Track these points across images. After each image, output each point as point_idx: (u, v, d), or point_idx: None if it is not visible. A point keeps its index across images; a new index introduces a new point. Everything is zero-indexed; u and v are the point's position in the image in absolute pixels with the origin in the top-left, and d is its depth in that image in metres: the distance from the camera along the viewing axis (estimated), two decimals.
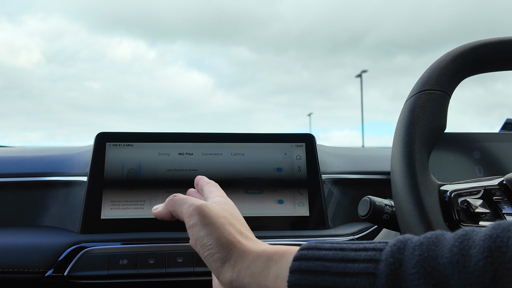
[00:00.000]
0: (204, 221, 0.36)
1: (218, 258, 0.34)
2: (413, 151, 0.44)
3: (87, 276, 0.51)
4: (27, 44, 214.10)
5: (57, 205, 0.60)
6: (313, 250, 0.29)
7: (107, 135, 0.61)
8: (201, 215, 0.36)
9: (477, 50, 0.48)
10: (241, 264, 0.33)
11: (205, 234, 0.35)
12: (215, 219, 0.36)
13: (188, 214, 0.37)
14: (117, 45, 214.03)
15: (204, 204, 0.37)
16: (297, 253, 0.29)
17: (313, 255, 0.28)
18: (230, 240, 0.34)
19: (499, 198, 0.45)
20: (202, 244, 0.35)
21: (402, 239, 0.26)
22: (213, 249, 0.34)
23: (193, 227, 0.36)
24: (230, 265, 0.33)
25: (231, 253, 0.34)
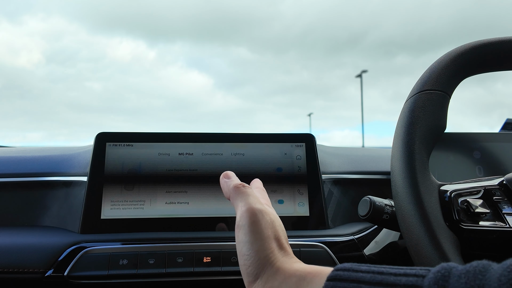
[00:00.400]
0: (251, 227, 0.35)
1: (251, 272, 0.33)
2: (413, 151, 0.44)
3: (87, 276, 0.51)
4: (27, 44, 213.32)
5: (57, 205, 0.60)
6: (349, 271, 0.28)
7: (107, 135, 0.61)
8: (252, 220, 0.35)
9: (477, 50, 0.48)
10: (272, 283, 0.32)
11: (247, 241, 0.34)
12: (262, 229, 0.35)
13: (240, 214, 0.36)
14: (117, 45, 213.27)
15: (259, 210, 0.36)
16: (331, 273, 0.28)
17: (349, 276, 0.27)
18: (268, 256, 0.34)
19: (499, 198, 0.45)
20: (241, 251, 0.35)
21: (446, 267, 0.25)
22: (249, 260, 0.34)
23: (239, 229, 0.36)
24: (262, 282, 0.33)
25: (265, 270, 0.33)
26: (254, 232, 0.35)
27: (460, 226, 0.42)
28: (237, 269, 0.53)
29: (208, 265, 0.53)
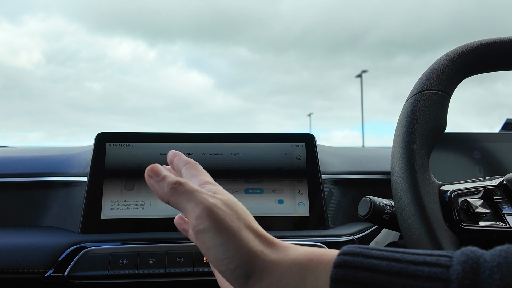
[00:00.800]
0: (217, 227, 0.29)
1: (240, 274, 0.28)
2: (413, 151, 0.44)
3: (87, 276, 0.50)
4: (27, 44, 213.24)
5: (57, 205, 0.60)
6: (359, 257, 0.25)
7: (107, 135, 0.61)
8: (213, 219, 0.29)
9: (477, 50, 0.48)
10: (270, 279, 0.28)
11: (220, 244, 0.29)
12: (230, 224, 0.29)
13: (196, 216, 0.30)
14: (117, 45, 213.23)
15: (215, 205, 0.30)
16: (338, 258, 0.25)
17: (361, 263, 0.24)
18: (252, 250, 0.29)
19: (499, 198, 0.45)
20: (217, 257, 0.29)
21: (472, 256, 0.23)
22: (232, 263, 0.28)
23: (202, 233, 0.29)
24: (256, 280, 0.28)
25: (255, 267, 0.28)
26: (222, 230, 0.29)
27: (460, 226, 0.42)
28: None
29: (208, 265, 0.53)
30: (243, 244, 0.29)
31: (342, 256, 0.25)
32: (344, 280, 0.24)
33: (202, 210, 0.30)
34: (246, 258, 0.28)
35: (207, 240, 0.29)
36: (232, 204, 0.32)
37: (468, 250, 0.24)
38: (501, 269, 0.21)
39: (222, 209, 0.30)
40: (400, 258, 0.24)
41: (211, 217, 0.29)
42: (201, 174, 0.36)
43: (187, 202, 0.31)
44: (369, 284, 0.23)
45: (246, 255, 0.28)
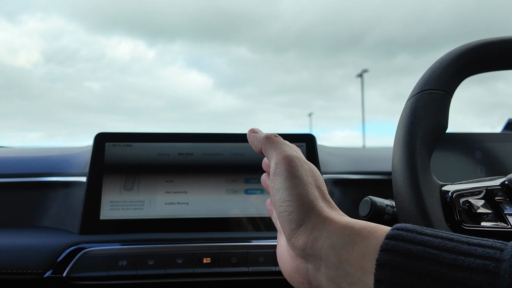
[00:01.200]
0: (290, 173, 0.32)
1: (294, 219, 0.30)
2: (414, 151, 0.44)
3: (86, 277, 0.50)
4: (26, 44, 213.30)
5: (56, 205, 0.60)
6: (412, 232, 0.25)
7: (107, 135, 0.60)
8: (290, 165, 0.32)
9: (478, 50, 0.48)
10: (320, 232, 0.29)
11: (288, 186, 0.31)
12: (303, 175, 0.32)
13: (276, 162, 0.33)
14: (116, 45, 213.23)
15: (297, 157, 0.34)
16: (391, 231, 0.26)
17: (414, 238, 0.24)
18: (313, 201, 0.30)
19: (501, 198, 0.44)
20: (281, 198, 0.31)
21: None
22: (292, 206, 0.30)
23: (277, 176, 0.33)
24: (307, 230, 0.29)
25: (310, 217, 0.30)
26: (294, 177, 0.32)
27: (462, 226, 0.41)
28: (237, 270, 0.53)
29: (208, 266, 0.52)
30: (306, 193, 0.31)
31: (395, 230, 0.26)
32: (394, 250, 0.24)
33: (282, 157, 0.33)
34: (305, 206, 0.30)
35: (279, 182, 0.32)
36: (311, 166, 0.35)
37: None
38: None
39: (301, 162, 0.34)
40: (454, 238, 0.24)
41: (288, 164, 0.33)
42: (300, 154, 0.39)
43: (274, 149, 0.35)
44: (420, 256, 0.23)
45: (306, 203, 0.30)
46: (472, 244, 0.23)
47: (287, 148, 0.35)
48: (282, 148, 0.35)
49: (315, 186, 0.32)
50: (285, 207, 0.31)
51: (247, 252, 0.54)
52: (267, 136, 0.37)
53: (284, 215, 0.31)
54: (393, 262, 0.23)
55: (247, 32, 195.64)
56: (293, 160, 0.33)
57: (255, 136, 0.39)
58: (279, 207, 0.31)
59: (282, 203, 0.31)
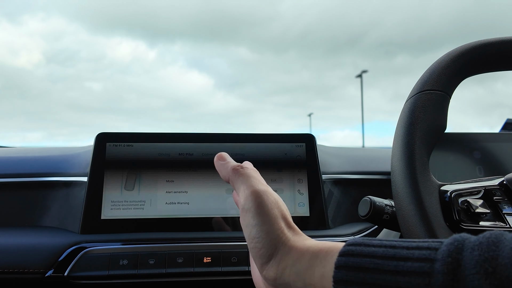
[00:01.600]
0: (258, 210, 0.34)
1: (264, 254, 0.33)
2: (413, 151, 0.44)
3: (87, 276, 0.50)
4: (27, 44, 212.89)
5: (57, 205, 0.60)
6: (360, 246, 0.28)
7: (107, 135, 0.61)
8: (257, 202, 0.34)
9: (477, 50, 0.48)
10: (286, 262, 0.31)
11: (256, 224, 0.33)
12: (269, 210, 0.34)
13: (245, 197, 0.35)
14: (117, 46, 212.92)
15: (263, 191, 0.35)
16: (343, 248, 0.28)
17: (361, 251, 0.27)
18: (279, 236, 0.33)
19: (500, 198, 0.45)
20: (251, 234, 0.34)
21: (459, 238, 0.25)
22: (260, 243, 0.33)
23: (246, 212, 0.34)
24: (275, 262, 0.32)
25: (278, 250, 0.32)
26: (262, 213, 0.34)
27: (461, 226, 0.42)
28: (237, 269, 0.53)
29: (208, 265, 0.53)
30: (274, 229, 0.33)
31: (347, 247, 0.28)
32: (346, 266, 0.27)
33: (251, 192, 0.35)
34: (273, 241, 0.32)
35: (248, 218, 0.34)
36: (276, 196, 0.36)
37: (458, 235, 0.25)
38: (481, 246, 0.23)
39: (267, 197, 0.35)
40: (396, 245, 0.26)
41: (256, 200, 0.34)
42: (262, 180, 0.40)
43: (241, 183, 0.37)
44: (367, 268, 0.26)
45: (274, 239, 0.33)
46: (411, 248, 0.26)
47: (255, 182, 0.36)
48: (250, 183, 0.36)
49: (281, 217, 0.34)
50: (255, 243, 0.33)
51: (247, 252, 0.54)
52: (234, 169, 0.39)
53: (254, 251, 0.33)
54: (346, 277, 0.26)
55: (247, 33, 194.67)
56: (260, 195, 0.35)
57: (223, 165, 0.41)
58: (250, 243, 0.34)
59: (252, 240, 0.33)
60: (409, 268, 0.24)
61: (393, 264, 0.25)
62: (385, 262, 0.25)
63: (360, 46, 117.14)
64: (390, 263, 0.25)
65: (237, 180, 0.38)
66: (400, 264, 0.25)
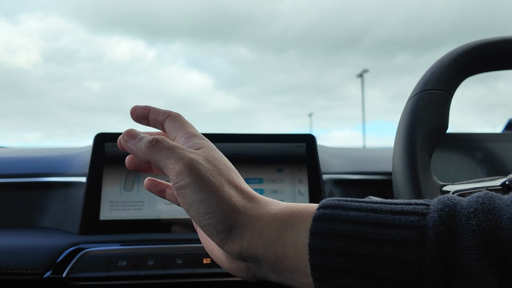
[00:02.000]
0: (198, 183, 0.28)
1: (221, 229, 0.28)
2: (414, 151, 0.44)
3: (86, 277, 0.50)
4: (25, 43, 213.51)
5: (55, 206, 0.60)
6: (337, 209, 0.24)
7: (106, 135, 0.60)
8: (194, 174, 0.28)
9: (479, 49, 0.48)
10: (251, 233, 0.27)
11: (202, 199, 0.28)
12: (212, 180, 0.28)
13: (176, 172, 0.28)
14: (116, 45, 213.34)
15: (195, 160, 0.29)
16: (317, 212, 0.25)
17: (339, 215, 0.24)
18: (234, 205, 0.28)
19: None
20: (199, 212, 0.28)
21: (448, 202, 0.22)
22: (214, 218, 0.28)
23: (184, 189, 0.28)
24: (237, 235, 0.28)
25: (237, 221, 0.28)
26: (203, 186, 0.28)
27: None
28: None
29: (208, 267, 0.52)
30: (225, 199, 0.28)
31: (321, 210, 0.25)
32: (323, 233, 0.24)
33: (182, 166, 0.28)
34: (228, 213, 0.28)
35: (189, 195, 0.28)
36: (213, 159, 0.30)
37: (445, 197, 0.23)
38: (477, 214, 0.21)
39: (203, 164, 0.29)
40: (378, 209, 0.24)
41: (192, 173, 0.28)
42: (186, 126, 0.33)
43: (166, 159, 0.29)
44: (347, 236, 0.23)
45: (227, 210, 0.28)
46: (395, 213, 0.23)
47: (183, 152, 0.29)
48: (177, 154, 0.29)
49: (227, 182, 0.29)
50: (207, 220, 0.28)
51: None
52: (149, 146, 0.30)
53: (209, 228, 0.28)
54: (324, 245, 0.23)
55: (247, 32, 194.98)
56: (195, 166, 0.28)
57: (136, 144, 0.31)
58: (201, 221, 0.28)
59: (203, 217, 0.28)
60: (396, 236, 0.22)
61: (377, 232, 0.22)
62: (368, 229, 0.23)
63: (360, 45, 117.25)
64: (374, 231, 0.22)
65: (159, 155, 0.30)
66: (386, 232, 0.22)
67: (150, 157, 0.30)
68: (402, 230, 0.22)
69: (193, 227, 0.57)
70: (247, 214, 0.28)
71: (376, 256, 0.22)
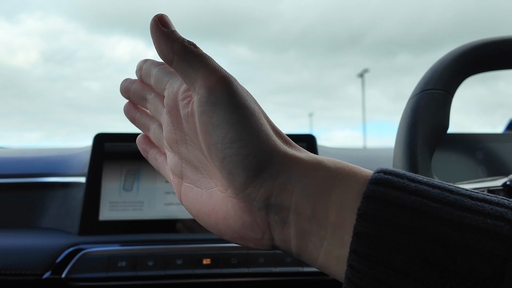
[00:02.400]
0: (234, 100, 0.22)
1: (252, 163, 0.22)
2: (415, 151, 0.43)
3: (85, 278, 0.50)
4: (25, 43, 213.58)
5: (55, 206, 0.59)
6: (403, 178, 0.20)
7: (106, 135, 0.60)
8: (231, 91, 0.22)
9: (479, 49, 0.48)
10: (287, 176, 0.22)
11: (235, 121, 0.22)
12: (249, 103, 0.23)
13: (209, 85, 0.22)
14: (116, 45, 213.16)
15: (235, 79, 0.23)
16: (376, 174, 0.20)
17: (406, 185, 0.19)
18: (271, 139, 0.22)
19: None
20: (226, 137, 0.22)
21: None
22: (246, 147, 0.22)
23: (213, 106, 0.22)
24: (269, 175, 0.22)
25: (272, 158, 0.22)
26: (241, 107, 0.22)
27: None
28: (237, 271, 0.53)
29: (208, 267, 0.52)
30: (262, 128, 0.22)
31: (381, 174, 0.20)
32: (381, 198, 0.19)
33: (219, 78, 0.22)
34: (264, 145, 0.22)
35: (218, 115, 0.22)
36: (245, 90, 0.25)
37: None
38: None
39: (242, 87, 0.24)
40: (454, 190, 0.19)
41: (229, 89, 0.22)
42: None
43: (199, 67, 0.23)
44: (414, 209, 0.18)
45: (264, 142, 0.22)
46: (476, 199, 0.19)
47: (219, 66, 0.23)
48: (212, 65, 0.23)
49: (265, 117, 0.24)
50: (237, 149, 0.22)
51: (247, 253, 0.53)
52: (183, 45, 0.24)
53: (235, 160, 0.22)
54: (381, 214, 0.18)
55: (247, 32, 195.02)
56: (232, 83, 0.23)
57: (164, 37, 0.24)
58: (225, 150, 0.22)
59: (231, 144, 0.22)
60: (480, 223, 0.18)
61: (455, 213, 0.18)
62: (443, 208, 0.18)
63: (361, 45, 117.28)
64: (451, 211, 0.18)
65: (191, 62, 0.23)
66: (467, 216, 0.18)
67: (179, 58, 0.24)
68: (487, 217, 0.18)
69: (193, 227, 0.57)
70: (286, 153, 0.22)
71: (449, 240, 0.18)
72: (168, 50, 0.24)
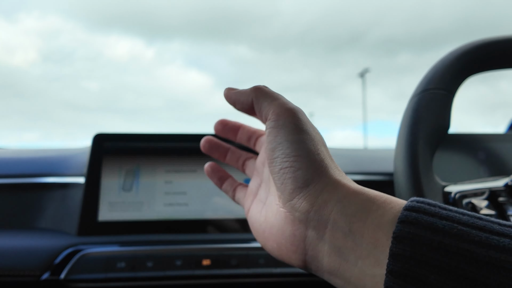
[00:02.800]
0: (297, 125, 0.27)
1: (301, 176, 0.26)
2: (416, 151, 0.43)
3: (84, 279, 0.50)
4: (23, 42, 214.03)
5: (53, 207, 0.59)
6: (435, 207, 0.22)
7: (105, 135, 0.60)
8: (295, 117, 0.28)
9: (481, 49, 0.48)
10: (330, 195, 0.25)
11: (296, 140, 0.27)
12: (311, 130, 0.28)
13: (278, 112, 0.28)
14: (114, 44, 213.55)
15: (301, 110, 0.29)
16: (409, 202, 0.22)
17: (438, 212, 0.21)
18: (323, 160, 0.27)
19: (505, 199, 0.44)
20: (286, 152, 0.27)
21: None
22: (300, 162, 0.26)
23: (280, 128, 0.28)
24: (315, 190, 0.25)
25: (320, 177, 0.26)
26: (302, 131, 0.27)
27: None
28: (237, 272, 0.52)
29: (207, 268, 0.52)
30: (317, 150, 0.27)
31: (415, 202, 0.22)
32: (416, 223, 0.21)
33: (286, 109, 0.28)
34: (316, 164, 0.26)
35: (282, 134, 0.27)
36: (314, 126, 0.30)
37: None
38: None
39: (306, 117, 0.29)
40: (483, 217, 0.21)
41: (293, 116, 0.28)
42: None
43: (272, 100, 0.29)
44: (446, 232, 0.20)
45: (316, 161, 0.26)
46: (504, 225, 0.21)
47: (287, 101, 0.30)
48: (283, 100, 0.29)
49: (323, 145, 0.28)
50: (291, 162, 0.26)
51: (247, 254, 0.53)
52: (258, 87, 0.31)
53: (288, 172, 0.26)
54: (415, 236, 0.20)
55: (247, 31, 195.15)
56: (297, 112, 0.28)
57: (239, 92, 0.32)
58: (283, 163, 0.27)
59: (288, 158, 0.26)
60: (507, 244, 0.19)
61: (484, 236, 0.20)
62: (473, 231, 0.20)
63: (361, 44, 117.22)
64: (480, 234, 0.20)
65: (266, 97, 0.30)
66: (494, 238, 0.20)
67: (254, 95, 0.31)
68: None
69: (192, 228, 0.57)
70: (332, 176, 0.26)
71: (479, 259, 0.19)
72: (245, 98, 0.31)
